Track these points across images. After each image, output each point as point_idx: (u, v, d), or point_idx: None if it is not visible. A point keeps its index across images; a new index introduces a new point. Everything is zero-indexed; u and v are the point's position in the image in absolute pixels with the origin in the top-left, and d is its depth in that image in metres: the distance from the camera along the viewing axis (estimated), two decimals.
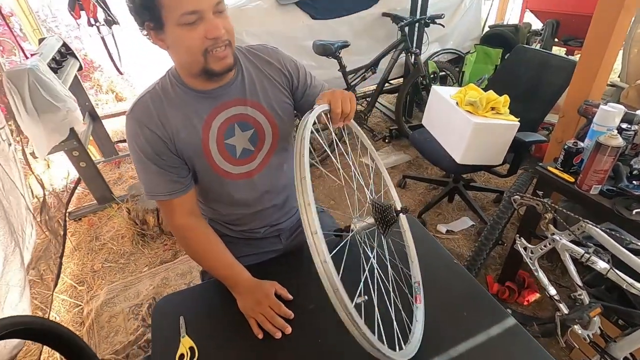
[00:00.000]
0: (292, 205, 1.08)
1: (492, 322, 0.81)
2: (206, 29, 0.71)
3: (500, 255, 1.88)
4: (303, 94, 0.95)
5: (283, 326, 0.81)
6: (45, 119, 1.80)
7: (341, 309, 0.56)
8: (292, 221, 1.11)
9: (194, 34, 0.71)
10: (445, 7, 2.86)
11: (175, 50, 0.77)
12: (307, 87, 0.95)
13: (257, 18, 2.35)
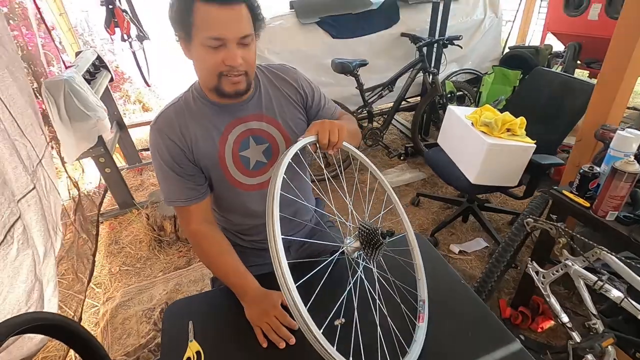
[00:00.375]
0: (302, 218, 1.12)
1: (497, 346, 0.81)
2: (225, 56, 0.77)
3: (514, 279, 1.84)
4: (316, 113, 1.00)
5: (287, 337, 0.82)
6: (77, 127, 1.91)
7: (309, 333, 0.60)
8: (301, 234, 1.14)
9: (214, 56, 0.77)
10: (465, 29, 2.90)
11: (196, 64, 0.83)
12: (320, 108, 1.00)
13: (280, 36, 2.44)
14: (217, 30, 0.74)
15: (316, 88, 1.01)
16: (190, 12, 0.75)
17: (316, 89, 1.01)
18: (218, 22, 0.74)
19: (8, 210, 1.02)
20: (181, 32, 0.79)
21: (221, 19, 0.74)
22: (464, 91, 2.92)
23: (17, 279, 1.07)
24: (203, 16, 0.74)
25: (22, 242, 1.07)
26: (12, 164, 1.15)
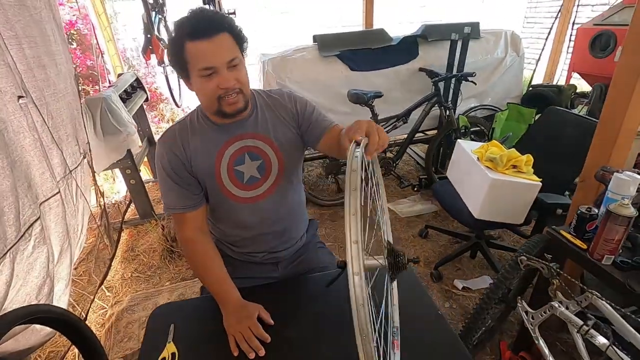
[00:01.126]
0: (291, 236, 1.17)
1: None
2: (219, 81, 0.87)
3: (519, 322, 1.77)
4: (308, 126, 1.04)
5: (257, 347, 0.86)
6: (108, 140, 2.11)
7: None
8: (290, 252, 1.19)
9: (210, 84, 0.87)
10: (484, 66, 2.94)
11: (197, 94, 0.94)
12: (312, 121, 1.04)
13: (300, 67, 2.60)
14: (206, 61, 0.85)
15: (310, 105, 1.07)
16: (182, 53, 0.86)
17: (310, 105, 1.06)
18: (206, 54, 0.85)
19: (30, 210, 1.15)
20: (180, 71, 0.91)
21: (208, 50, 0.85)
22: (481, 127, 2.92)
23: (31, 273, 1.18)
24: (192, 53, 0.85)
25: (39, 241, 1.19)
26: (40, 170, 1.29)
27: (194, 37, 0.84)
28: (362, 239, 0.53)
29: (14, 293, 1.13)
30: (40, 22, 1.46)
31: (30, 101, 1.43)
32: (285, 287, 1.12)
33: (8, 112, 1.18)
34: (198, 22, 0.85)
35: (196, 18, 0.86)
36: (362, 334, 0.52)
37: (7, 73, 1.20)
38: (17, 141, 1.19)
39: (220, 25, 0.86)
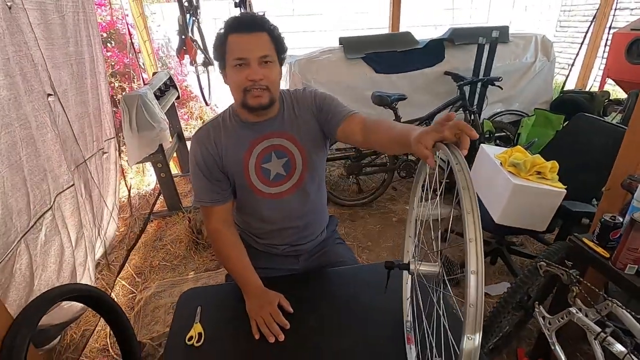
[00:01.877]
0: (312, 231, 1.22)
1: None
2: (248, 73, 0.94)
3: (538, 330, 1.74)
4: (327, 117, 1.05)
5: (277, 332, 0.92)
6: (142, 135, 2.24)
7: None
8: (310, 245, 1.24)
9: (240, 74, 0.95)
10: (512, 70, 2.90)
11: (229, 84, 1.01)
12: (331, 111, 1.05)
13: (326, 68, 2.65)
14: (241, 52, 0.93)
15: (328, 97, 1.09)
16: (224, 44, 0.95)
17: (328, 98, 1.09)
18: (242, 46, 0.93)
19: (41, 201, 1.25)
20: (220, 61, 0.99)
21: (244, 43, 0.93)
22: (507, 132, 2.88)
23: (48, 259, 1.28)
24: (232, 44, 0.94)
25: (50, 230, 1.28)
26: (58, 162, 1.40)
27: (236, 30, 0.94)
28: (480, 238, 0.51)
29: (37, 277, 1.23)
30: (65, 25, 1.58)
31: (57, 99, 1.56)
32: (306, 278, 1.18)
33: (33, 109, 1.29)
34: (243, 19, 0.95)
35: (242, 16, 0.96)
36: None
37: (38, 72, 1.32)
38: (39, 136, 1.30)
39: (261, 26, 0.94)
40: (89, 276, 1.62)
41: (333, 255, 1.26)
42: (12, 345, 0.95)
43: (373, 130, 0.95)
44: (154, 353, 1.65)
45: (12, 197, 1.12)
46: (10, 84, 1.17)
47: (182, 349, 0.90)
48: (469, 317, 0.47)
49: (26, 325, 1.01)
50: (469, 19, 5.31)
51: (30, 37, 1.31)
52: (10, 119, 1.15)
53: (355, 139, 1.00)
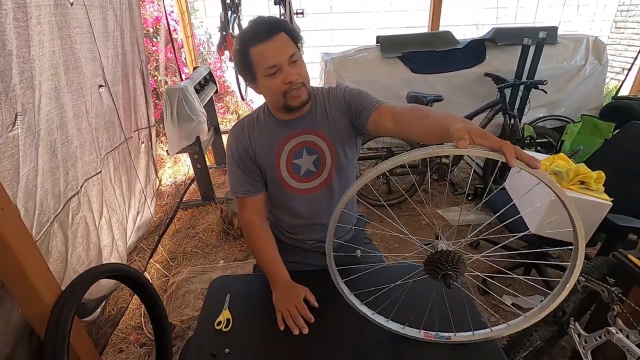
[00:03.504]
0: (340, 228, 1.23)
1: None
2: (283, 77, 0.96)
3: (572, 347, 1.66)
4: (358, 111, 1.04)
5: (302, 325, 0.94)
6: (182, 126, 2.34)
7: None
8: (338, 243, 1.25)
9: (275, 81, 0.96)
10: (559, 74, 2.75)
11: (265, 93, 1.03)
12: (360, 105, 1.04)
13: (361, 67, 2.64)
14: (270, 60, 0.94)
15: (358, 92, 1.07)
16: (248, 57, 0.96)
17: (358, 93, 1.07)
18: (269, 54, 0.94)
19: (69, 186, 1.34)
20: (247, 76, 1.02)
21: (270, 50, 0.94)
22: (549, 138, 2.74)
23: (76, 240, 1.37)
24: (257, 55, 0.95)
25: (76, 213, 1.37)
26: (89, 150, 1.49)
27: (257, 41, 0.94)
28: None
29: (69, 256, 1.33)
30: (109, 18, 1.68)
31: (107, 90, 1.65)
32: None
33: (72, 99, 1.37)
34: (258, 28, 0.95)
35: (255, 26, 0.96)
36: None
37: (80, 65, 1.42)
38: (74, 125, 1.38)
39: (277, 27, 0.95)
40: (117, 257, 1.72)
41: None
42: (60, 314, 1.03)
43: (405, 119, 0.93)
44: (184, 335, 1.73)
45: (47, 180, 1.22)
46: (54, 74, 1.26)
47: (211, 333, 0.94)
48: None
49: (72, 297, 1.09)
50: (514, 19, 5.06)
51: (77, 31, 1.41)
52: (51, 107, 1.24)
53: (387, 129, 0.98)
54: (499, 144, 0.64)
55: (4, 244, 0.92)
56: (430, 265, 0.79)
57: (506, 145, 0.63)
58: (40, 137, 1.18)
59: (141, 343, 1.71)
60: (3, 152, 1.02)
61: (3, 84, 1.02)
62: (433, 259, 0.79)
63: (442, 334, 0.91)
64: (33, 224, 1.12)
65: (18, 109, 1.07)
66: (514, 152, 0.63)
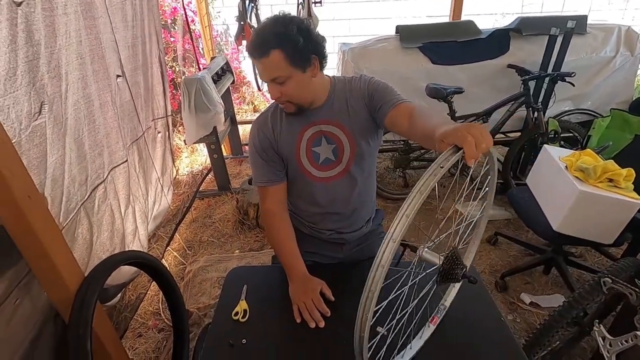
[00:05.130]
0: (358, 220, 1.22)
1: None
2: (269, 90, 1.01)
3: (592, 349, 1.61)
4: (378, 105, 1.03)
5: (318, 319, 0.94)
6: (199, 117, 2.35)
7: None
8: (355, 235, 1.24)
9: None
10: (587, 65, 2.63)
11: None
12: (382, 99, 1.03)
13: (380, 57, 2.59)
14: (260, 75, 1.01)
15: (382, 85, 1.05)
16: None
17: (382, 86, 1.05)
18: (259, 69, 0.99)
19: (96, 174, 1.36)
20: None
21: (259, 67, 0.98)
22: (575, 133, 2.63)
23: (101, 227, 1.40)
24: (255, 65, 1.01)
25: (102, 201, 1.40)
26: (116, 140, 1.52)
27: (251, 56, 0.97)
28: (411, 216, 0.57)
29: (95, 241, 1.36)
30: (128, 8, 1.68)
31: (124, 80, 1.66)
32: (349, 268, 1.18)
33: (98, 88, 1.39)
34: (254, 42, 0.96)
35: (254, 38, 0.96)
36: (370, 290, 0.60)
37: (104, 54, 1.43)
38: (100, 114, 1.40)
39: (269, 46, 0.92)
40: (139, 244, 1.76)
41: (377, 248, 1.25)
42: (83, 298, 1.06)
43: (414, 123, 0.92)
44: (200, 322, 1.77)
45: (75, 168, 1.25)
46: (81, 64, 1.28)
47: (228, 323, 0.95)
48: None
49: (95, 283, 1.12)
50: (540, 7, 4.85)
51: (101, 21, 1.42)
52: (78, 97, 1.27)
53: (401, 130, 0.97)
54: (460, 138, 0.62)
55: (30, 231, 0.95)
56: (444, 277, 0.77)
57: (466, 141, 0.61)
58: (67, 126, 1.20)
59: (159, 328, 1.76)
60: (30, 141, 1.05)
61: (31, 74, 1.04)
62: (444, 271, 0.76)
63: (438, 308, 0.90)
64: (61, 211, 1.15)
65: (44, 99, 1.09)
66: (474, 148, 0.61)
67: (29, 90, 1.03)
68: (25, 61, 1.01)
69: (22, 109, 1.01)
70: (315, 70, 1.00)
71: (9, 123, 0.91)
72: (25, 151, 1.01)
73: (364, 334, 0.62)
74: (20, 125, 1.01)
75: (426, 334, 0.87)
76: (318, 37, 0.99)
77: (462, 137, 0.62)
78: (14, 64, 0.97)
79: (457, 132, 0.64)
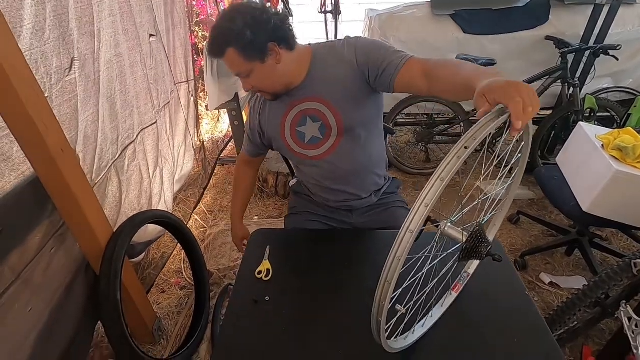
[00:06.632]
0: (360, 190, 1.19)
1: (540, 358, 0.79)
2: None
3: (610, 331, 1.60)
4: (377, 73, 0.96)
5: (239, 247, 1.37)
6: (221, 82, 2.33)
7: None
8: (363, 203, 1.23)
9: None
10: (633, 39, 2.45)
11: None
12: (381, 66, 0.95)
13: (409, 25, 2.47)
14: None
15: (374, 49, 0.97)
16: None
17: (374, 50, 0.96)
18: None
19: (126, 134, 1.38)
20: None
21: (225, 63, 0.96)
22: (612, 112, 2.49)
23: (130, 187, 1.43)
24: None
25: (132, 161, 1.43)
26: (145, 101, 1.52)
27: (211, 57, 1.01)
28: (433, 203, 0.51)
29: (124, 200, 1.40)
30: None
31: (159, 40, 1.64)
32: (358, 236, 1.19)
33: (128, 48, 1.38)
34: (208, 45, 0.97)
35: (208, 41, 0.96)
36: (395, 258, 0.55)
37: (133, 14, 1.41)
38: (130, 74, 1.40)
39: (221, 47, 0.91)
40: (165, 205, 1.80)
41: (388, 217, 1.25)
42: (113, 252, 1.10)
43: (437, 76, 0.86)
44: (220, 282, 1.83)
45: (107, 127, 1.26)
46: (112, 22, 1.27)
47: (252, 281, 0.98)
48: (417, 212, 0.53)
49: (123, 238, 1.16)
50: None
51: None
52: (110, 55, 1.26)
53: (418, 87, 0.90)
54: (508, 97, 0.54)
55: (63, 183, 0.98)
56: (467, 254, 0.73)
57: (513, 100, 0.54)
58: (100, 84, 1.21)
59: (181, 286, 1.83)
60: (61, 96, 1.06)
61: (60, 28, 1.03)
62: (469, 248, 0.71)
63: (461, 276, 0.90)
64: (93, 168, 1.18)
65: (75, 55, 1.09)
66: (521, 110, 0.54)
67: (58, 45, 1.02)
68: (53, 15, 1.00)
69: (52, 63, 1.01)
70: (278, 56, 0.94)
71: (38, 78, 0.92)
72: (55, 106, 1.02)
73: (384, 303, 0.58)
74: (50, 81, 1.01)
75: (448, 302, 0.87)
76: (274, 21, 0.91)
77: (510, 96, 0.55)
78: (42, 17, 0.96)
79: (506, 89, 0.56)
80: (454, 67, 0.84)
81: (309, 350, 0.81)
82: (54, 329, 1.00)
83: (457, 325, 0.85)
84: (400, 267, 0.55)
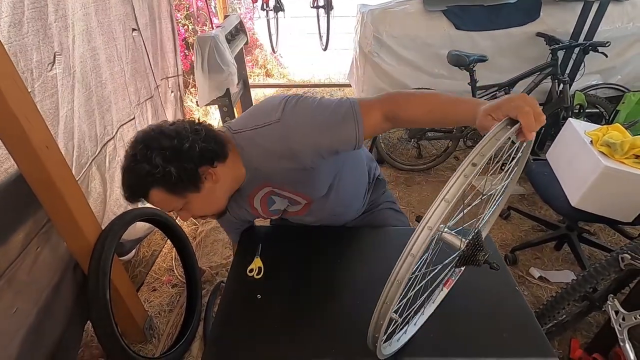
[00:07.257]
0: (346, 217, 1.19)
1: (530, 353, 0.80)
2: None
3: (598, 324, 1.63)
4: (331, 152, 0.87)
5: None
6: (212, 77, 2.29)
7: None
8: (352, 217, 1.22)
9: None
10: (621, 36, 2.48)
11: None
12: (333, 146, 0.85)
13: (401, 21, 2.46)
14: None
15: (314, 135, 0.82)
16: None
17: (315, 136, 0.82)
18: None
19: (105, 130, 1.35)
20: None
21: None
22: (601, 108, 2.52)
23: (113, 184, 1.41)
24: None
25: (112, 158, 1.40)
26: (123, 96, 1.49)
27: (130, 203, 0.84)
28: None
29: (108, 197, 1.37)
30: None
31: (139, 34, 1.61)
32: (350, 234, 1.18)
33: (103, 42, 1.35)
34: (124, 194, 0.82)
35: (123, 189, 0.82)
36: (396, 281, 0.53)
37: (110, 7, 1.38)
38: (106, 68, 1.37)
39: (141, 192, 0.80)
40: None
41: (375, 219, 1.25)
42: (102, 250, 1.08)
43: (403, 119, 0.80)
44: (212, 280, 1.82)
45: (84, 122, 1.24)
46: (85, 15, 1.23)
47: (243, 279, 0.97)
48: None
49: (112, 235, 1.14)
50: None
51: None
52: (84, 49, 1.23)
53: (385, 129, 0.87)
54: (517, 109, 0.57)
55: (49, 181, 0.95)
56: (465, 260, 0.70)
57: (523, 111, 0.56)
58: (75, 79, 1.18)
59: (173, 284, 1.82)
60: (44, 91, 1.03)
61: (41, 21, 1.00)
62: (466, 256, 0.69)
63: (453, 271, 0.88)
64: (72, 165, 1.16)
65: (56, 49, 1.06)
66: (533, 120, 0.56)
67: (38, 39, 1.00)
68: (32, 7, 0.97)
69: (32, 57, 0.98)
70: (215, 176, 0.82)
71: (18, 72, 0.89)
72: (38, 102, 1.00)
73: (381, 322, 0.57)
74: (32, 75, 0.99)
75: (439, 298, 0.88)
76: (198, 146, 0.77)
77: (519, 107, 0.56)
78: (19, 10, 0.93)
79: (512, 103, 0.58)
80: (425, 103, 0.78)
81: (300, 348, 0.81)
82: (41, 329, 0.98)
83: (448, 320, 0.85)
84: (401, 291, 0.53)
